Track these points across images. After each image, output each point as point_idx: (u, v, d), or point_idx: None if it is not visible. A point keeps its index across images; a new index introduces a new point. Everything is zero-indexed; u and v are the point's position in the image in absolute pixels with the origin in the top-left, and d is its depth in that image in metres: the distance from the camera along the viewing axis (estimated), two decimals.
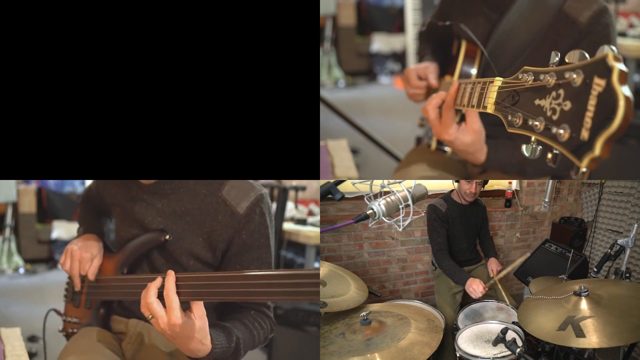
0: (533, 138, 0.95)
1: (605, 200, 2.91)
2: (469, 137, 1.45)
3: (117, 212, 1.48)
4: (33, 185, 5.59)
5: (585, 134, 0.83)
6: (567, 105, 0.88)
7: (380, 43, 6.47)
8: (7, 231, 5.37)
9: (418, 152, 1.92)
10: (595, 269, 2.03)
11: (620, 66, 0.80)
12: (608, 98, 0.80)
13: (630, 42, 3.48)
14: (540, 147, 0.95)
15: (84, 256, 1.45)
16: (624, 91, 0.78)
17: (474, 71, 1.67)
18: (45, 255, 5.56)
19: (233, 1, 1.39)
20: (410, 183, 1.56)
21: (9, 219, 5.38)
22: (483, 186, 2.46)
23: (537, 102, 0.96)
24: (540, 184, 3.09)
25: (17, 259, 5.35)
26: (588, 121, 0.83)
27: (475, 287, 2.12)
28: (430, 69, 1.80)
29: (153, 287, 1.17)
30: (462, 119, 1.50)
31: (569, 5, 1.50)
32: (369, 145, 3.48)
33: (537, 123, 0.94)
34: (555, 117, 0.90)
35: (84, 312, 1.52)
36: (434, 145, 1.82)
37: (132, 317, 1.45)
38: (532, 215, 3.21)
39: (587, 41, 1.47)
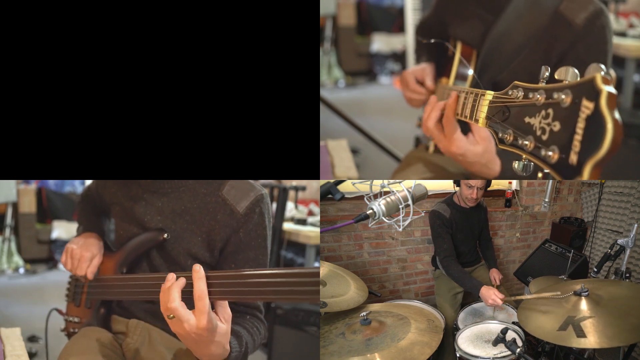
0: (524, 156, 0.95)
1: (605, 200, 2.91)
2: (479, 146, 1.37)
3: (116, 211, 1.48)
4: (33, 185, 5.59)
5: (574, 158, 0.82)
6: (557, 126, 0.87)
7: (380, 43, 6.47)
8: (7, 231, 5.37)
9: (416, 154, 1.91)
10: (595, 269, 2.03)
11: (609, 89, 0.78)
12: (596, 122, 0.79)
13: (630, 42, 3.47)
14: (532, 164, 0.94)
15: (84, 255, 1.44)
16: (613, 115, 0.77)
17: (470, 72, 1.66)
18: (45, 255, 5.56)
19: (233, 1, 1.39)
20: (410, 183, 1.56)
21: (9, 219, 5.38)
22: (485, 190, 2.44)
23: (527, 119, 0.95)
24: (540, 184, 3.08)
25: (17, 259, 5.35)
26: (577, 144, 0.82)
27: (494, 299, 2.02)
28: (426, 71, 1.79)
29: (176, 290, 1.07)
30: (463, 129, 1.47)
31: (564, 6, 1.48)
32: (369, 145, 3.48)
33: (527, 142, 0.93)
34: (544, 137, 0.89)
35: (85, 311, 1.52)
36: (431, 148, 1.81)
37: (132, 317, 1.45)
38: (532, 215, 3.21)
39: (583, 43, 1.46)
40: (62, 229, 5.57)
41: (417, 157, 1.86)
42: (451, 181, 2.45)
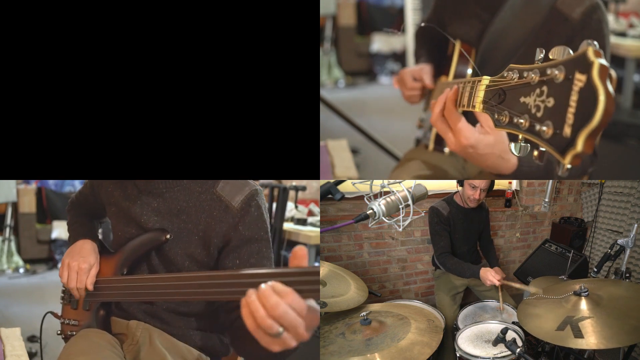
0: (520, 136, 0.96)
1: (605, 200, 2.91)
2: (490, 136, 1.28)
3: (112, 212, 1.48)
4: (33, 185, 5.59)
5: (567, 130, 0.82)
6: (551, 102, 0.87)
7: (380, 43, 6.47)
8: (7, 231, 5.37)
9: (416, 152, 1.92)
10: (595, 269, 2.03)
11: (601, 61, 0.79)
12: (589, 93, 0.79)
13: (630, 42, 3.48)
14: (529, 145, 0.95)
15: (82, 267, 1.43)
16: (605, 86, 0.78)
17: (469, 71, 1.67)
18: (45, 255, 5.56)
19: (233, 1, 1.40)
20: (410, 183, 1.56)
21: (9, 219, 5.38)
22: (488, 192, 2.43)
23: (522, 99, 0.95)
24: (540, 184, 3.08)
25: (17, 259, 5.35)
26: (570, 117, 0.82)
27: (492, 278, 2.10)
28: (425, 70, 1.81)
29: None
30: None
31: (560, 1, 1.50)
32: (369, 145, 3.48)
33: (522, 121, 0.94)
34: (539, 114, 0.90)
35: (83, 314, 1.51)
36: (431, 146, 1.82)
37: (131, 318, 1.45)
38: (532, 215, 3.21)
39: (580, 37, 1.46)
40: (62, 229, 5.57)
41: (416, 156, 1.87)
42: (452, 181, 2.45)
